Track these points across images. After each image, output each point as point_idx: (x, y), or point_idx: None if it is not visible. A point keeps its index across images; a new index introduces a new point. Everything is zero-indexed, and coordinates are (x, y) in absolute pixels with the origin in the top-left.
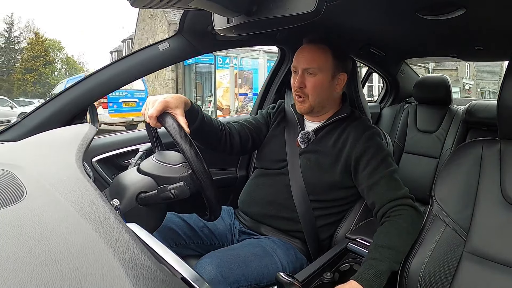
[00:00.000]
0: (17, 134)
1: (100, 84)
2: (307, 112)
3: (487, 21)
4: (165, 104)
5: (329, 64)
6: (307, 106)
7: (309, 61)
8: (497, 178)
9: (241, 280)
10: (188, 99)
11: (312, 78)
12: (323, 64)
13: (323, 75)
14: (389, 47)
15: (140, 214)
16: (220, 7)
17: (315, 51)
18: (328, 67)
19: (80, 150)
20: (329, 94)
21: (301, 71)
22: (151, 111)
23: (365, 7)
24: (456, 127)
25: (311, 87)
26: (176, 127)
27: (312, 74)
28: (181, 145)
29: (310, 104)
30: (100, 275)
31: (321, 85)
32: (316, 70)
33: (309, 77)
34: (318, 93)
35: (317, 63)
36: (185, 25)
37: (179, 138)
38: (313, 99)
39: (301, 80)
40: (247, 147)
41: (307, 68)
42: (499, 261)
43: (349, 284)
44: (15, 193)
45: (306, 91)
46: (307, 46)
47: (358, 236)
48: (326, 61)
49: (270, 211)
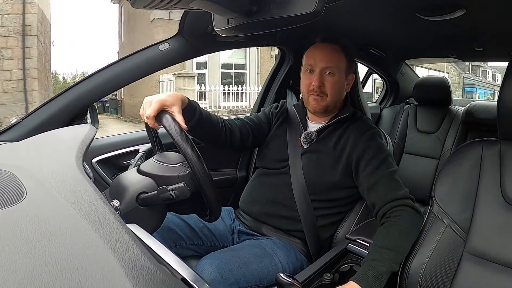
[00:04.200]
0: (17, 135)
1: (100, 85)
2: (323, 111)
3: (487, 21)
4: (162, 103)
5: (344, 65)
6: (323, 105)
7: (327, 60)
8: (497, 179)
9: (241, 281)
10: (185, 96)
11: (331, 78)
12: (340, 64)
13: (340, 75)
14: (389, 48)
15: (140, 214)
16: (220, 7)
17: (331, 50)
18: (343, 68)
19: (80, 151)
20: (342, 94)
21: (319, 70)
22: (148, 111)
23: (365, 8)
24: (456, 127)
25: (331, 86)
26: (174, 125)
27: (332, 74)
28: (179, 143)
29: (326, 103)
30: (100, 275)
31: (339, 85)
32: (334, 69)
33: (329, 76)
34: (335, 92)
35: (335, 63)
36: (185, 25)
37: (177, 136)
38: (331, 98)
39: (320, 79)
40: (248, 144)
41: (326, 67)
42: (499, 261)
43: (349, 285)
44: (15, 193)
45: (325, 90)
46: (322, 45)
47: (358, 236)
48: (341, 61)
49: (271, 210)
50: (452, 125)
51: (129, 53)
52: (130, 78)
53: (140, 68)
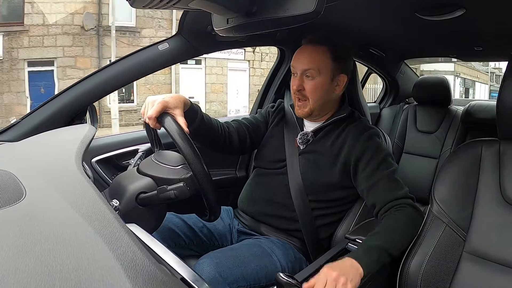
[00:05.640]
0: (17, 135)
1: (99, 85)
2: (307, 116)
3: (486, 21)
4: (164, 105)
5: (328, 66)
6: (306, 111)
7: (307, 62)
8: (497, 178)
9: (240, 280)
10: (187, 98)
11: (311, 81)
12: (322, 65)
13: (322, 77)
14: (388, 48)
15: (139, 214)
16: (220, 7)
17: (313, 52)
18: (327, 69)
19: (79, 151)
20: (329, 97)
21: (300, 73)
22: (150, 112)
23: (364, 8)
24: (455, 127)
25: (311, 90)
26: (176, 128)
27: (311, 77)
28: (180, 146)
29: (310, 108)
30: (99, 275)
31: (321, 87)
32: (314, 72)
33: (308, 80)
34: (318, 96)
35: (315, 65)
36: (184, 25)
37: (178, 138)
38: (313, 102)
39: (299, 82)
40: (246, 146)
41: (305, 70)
42: (498, 261)
43: (336, 263)
44: (15, 193)
45: (305, 94)
46: (306, 46)
47: (357, 236)
48: (325, 62)
49: (270, 210)
50: (452, 125)
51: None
52: (129, 78)
53: (140, 68)
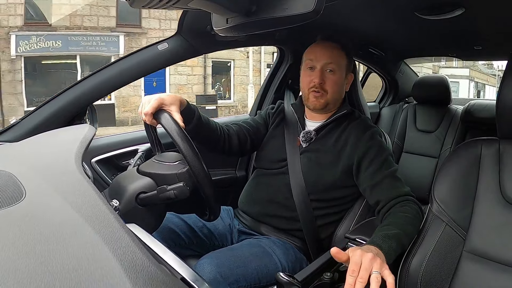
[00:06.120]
0: (17, 135)
1: (99, 85)
2: (322, 107)
3: (486, 20)
4: (160, 101)
5: (344, 63)
6: (323, 102)
7: (328, 57)
8: (496, 178)
9: (241, 280)
10: (184, 98)
11: (332, 76)
12: (340, 61)
13: (340, 73)
14: (388, 47)
15: (139, 214)
16: (219, 7)
17: (333, 48)
18: (343, 66)
19: (79, 151)
20: (342, 92)
21: (320, 67)
22: (146, 108)
23: (364, 7)
24: (455, 126)
25: (332, 83)
26: (171, 122)
27: (332, 71)
28: (176, 140)
29: (326, 100)
30: (99, 275)
31: (339, 82)
32: (335, 67)
33: (329, 74)
34: (336, 90)
35: (336, 60)
36: (184, 25)
37: (174, 133)
38: (331, 95)
39: (321, 76)
40: (246, 149)
41: (327, 64)
42: (498, 260)
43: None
44: (15, 193)
45: (325, 87)
46: (323, 43)
47: (357, 235)
48: (342, 59)
49: (270, 210)
50: (452, 124)
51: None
52: (129, 78)
53: (139, 68)
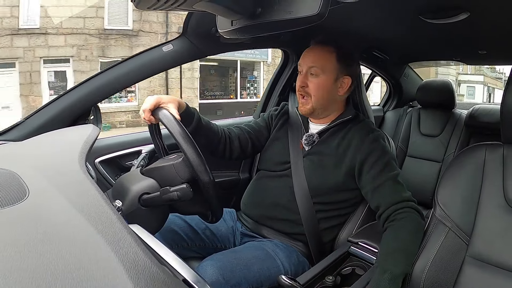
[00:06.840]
0: (21, 134)
1: (103, 85)
2: (309, 113)
3: (490, 25)
4: (158, 100)
5: (333, 66)
6: (309, 108)
7: (312, 60)
8: (500, 183)
9: (243, 283)
10: (184, 102)
11: (315, 79)
12: (326, 65)
13: (325, 76)
14: (392, 51)
15: (142, 215)
16: (224, 9)
17: (320, 51)
18: (331, 69)
19: (83, 151)
20: (332, 97)
21: (305, 71)
22: (144, 105)
23: (368, 11)
24: (459, 131)
25: (313, 87)
26: (168, 115)
27: (315, 75)
28: (172, 131)
29: (312, 106)
30: (101, 275)
31: (324, 86)
32: (318, 70)
33: (312, 77)
34: (320, 94)
35: (320, 63)
36: (189, 27)
37: (170, 124)
38: (315, 100)
39: (303, 79)
40: (247, 152)
41: (310, 68)
42: (501, 266)
43: None
44: (18, 193)
45: (308, 91)
46: (313, 46)
47: (360, 239)
48: (329, 62)
49: (273, 213)
50: (456, 129)
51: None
52: (133, 79)
53: (144, 69)
